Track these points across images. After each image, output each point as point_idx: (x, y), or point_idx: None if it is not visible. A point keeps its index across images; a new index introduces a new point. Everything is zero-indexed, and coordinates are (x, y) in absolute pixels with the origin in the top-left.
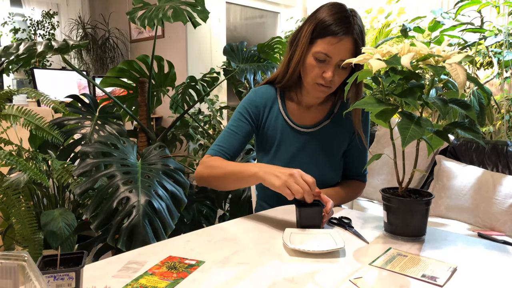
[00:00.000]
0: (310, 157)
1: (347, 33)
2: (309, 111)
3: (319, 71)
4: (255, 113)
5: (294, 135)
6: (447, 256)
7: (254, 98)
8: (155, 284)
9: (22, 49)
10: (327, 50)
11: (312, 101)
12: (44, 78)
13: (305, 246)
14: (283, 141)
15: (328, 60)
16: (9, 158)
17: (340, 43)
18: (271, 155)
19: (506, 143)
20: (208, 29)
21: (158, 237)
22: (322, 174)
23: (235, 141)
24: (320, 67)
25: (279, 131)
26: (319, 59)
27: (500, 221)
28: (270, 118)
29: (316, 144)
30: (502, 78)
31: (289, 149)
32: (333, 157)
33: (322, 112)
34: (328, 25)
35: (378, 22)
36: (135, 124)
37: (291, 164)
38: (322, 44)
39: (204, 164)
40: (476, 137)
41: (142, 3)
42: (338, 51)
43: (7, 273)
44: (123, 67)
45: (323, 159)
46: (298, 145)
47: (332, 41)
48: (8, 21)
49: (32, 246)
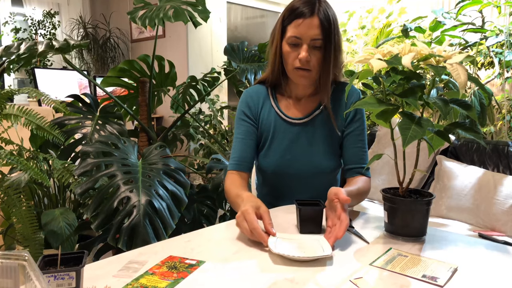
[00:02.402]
0: (304, 148)
1: (311, 13)
2: (300, 103)
3: (295, 55)
4: (251, 112)
5: (286, 127)
6: (447, 257)
7: (246, 99)
8: (155, 284)
9: (23, 48)
10: (296, 33)
11: (301, 92)
12: (45, 77)
13: (290, 252)
14: (276, 134)
15: (299, 43)
16: (10, 158)
17: (305, 22)
18: (266, 149)
19: (507, 143)
20: (209, 29)
21: (159, 237)
22: (317, 163)
23: (246, 147)
24: (295, 51)
25: (272, 124)
26: (292, 43)
27: (500, 222)
28: (263, 113)
29: (310, 135)
30: (503, 78)
31: (282, 142)
32: (328, 146)
33: (313, 103)
34: (294, 9)
35: (379, 22)
36: (135, 124)
37: (286, 156)
38: (291, 29)
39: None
40: (477, 137)
41: (143, 2)
42: (306, 30)
43: (8, 272)
44: (124, 66)
45: (318, 149)
46: (291, 137)
47: (299, 22)
48: (9, 21)
49: (32, 246)
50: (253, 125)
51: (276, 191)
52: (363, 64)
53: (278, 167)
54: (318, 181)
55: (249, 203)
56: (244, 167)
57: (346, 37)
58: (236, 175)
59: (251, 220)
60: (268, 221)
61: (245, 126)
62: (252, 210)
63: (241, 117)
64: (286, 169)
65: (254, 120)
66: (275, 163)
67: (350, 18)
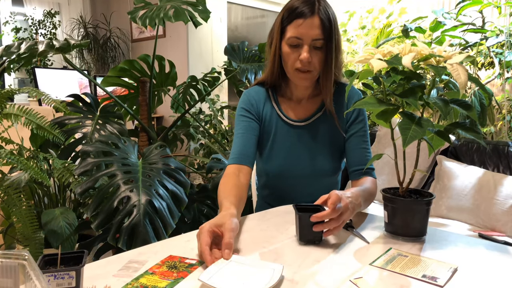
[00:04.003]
0: (306, 150)
1: (312, 13)
2: (301, 104)
3: (295, 56)
4: (253, 109)
5: (288, 130)
6: (447, 257)
7: (248, 97)
8: (155, 283)
9: (23, 48)
10: (296, 33)
11: (302, 93)
12: (45, 77)
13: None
14: (278, 136)
15: (300, 43)
16: (10, 157)
17: (306, 22)
18: (267, 151)
19: (507, 143)
20: (209, 28)
21: (159, 237)
22: (319, 166)
23: (247, 141)
24: (295, 52)
25: (274, 126)
26: (292, 44)
27: (501, 222)
28: (265, 113)
29: (311, 137)
30: (503, 79)
31: (284, 144)
32: (330, 149)
33: (315, 105)
34: (293, 9)
35: (379, 22)
36: (136, 124)
37: (288, 158)
38: (291, 29)
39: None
40: (477, 138)
41: (143, 2)
42: (307, 31)
43: (8, 272)
44: (124, 66)
45: (319, 152)
46: (293, 139)
47: (299, 23)
48: (10, 20)
49: (32, 245)
50: (255, 120)
51: (277, 193)
52: (363, 64)
53: (280, 169)
54: (320, 183)
55: (214, 220)
56: (245, 161)
57: (347, 37)
58: (235, 170)
59: (201, 242)
60: (226, 241)
61: (246, 121)
62: (208, 230)
63: (242, 113)
64: (287, 172)
65: (256, 116)
66: (276, 166)
67: (350, 18)
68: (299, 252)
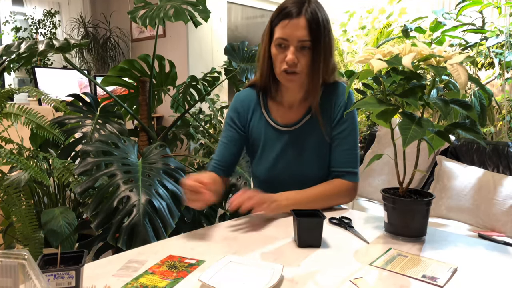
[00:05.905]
0: (294, 156)
1: (298, 14)
2: (291, 109)
3: (282, 57)
4: (239, 118)
5: (277, 136)
6: (447, 257)
7: (235, 105)
8: (155, 283)
9: (23, 48)
10: (282, 34)
11: (291, 97)
12: (45, 77)
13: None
14: (267, 142)
15: (287, 44)
16: (10, 157)
17: (292, 23)
18: (258, 156)
19: (507, 144)
20: (209, 28)
21: (159, 236)
22: (308, 172)
23: (226, 151)
24: (282, 53)
25: (263, 132)
26: (279, 45)
27: (500, 222)
28: (254, 120)
29: (300, 142)
30: (503, 79)
31: (273, 150)
32: (319, 153)
33: (303, 109)
34: (282, 10)
35: (379, 22)
36: (136, 123)
37: (277, 165)
38: (278, 30)
39: None
40: (477, 138)
41: (143, 2)
42: (292, 31)
43: (7, 271)
44: (124, 66)
45: (308, 157)
46: (281, 145)
47: (285, 23)
48: (10, 20)
49: (32, 245)
50: (240, 132)
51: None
52: (363, 64)
53: (269, 174)
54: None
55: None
56: (221, 171)
57: (347, 37)
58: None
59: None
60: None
61: (230, 131)
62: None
63: (229, 121)
64: (277, 177)
65: (242, 127)
66: (266, 171)
67: (350, 18)
68: (299, 252)
